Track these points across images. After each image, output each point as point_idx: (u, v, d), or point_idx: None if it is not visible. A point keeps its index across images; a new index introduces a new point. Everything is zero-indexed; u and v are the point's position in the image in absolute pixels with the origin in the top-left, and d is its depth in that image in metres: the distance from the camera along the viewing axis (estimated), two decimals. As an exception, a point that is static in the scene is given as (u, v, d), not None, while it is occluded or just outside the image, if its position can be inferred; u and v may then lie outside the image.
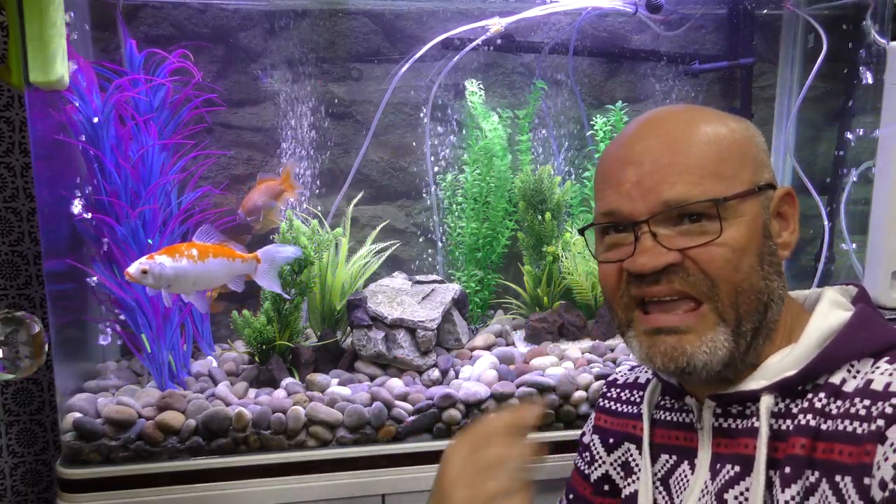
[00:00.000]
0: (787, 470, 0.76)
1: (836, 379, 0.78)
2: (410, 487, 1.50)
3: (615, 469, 1.01)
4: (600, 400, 1.07)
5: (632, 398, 1.02)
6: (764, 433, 0.79)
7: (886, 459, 0.69)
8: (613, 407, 1.04)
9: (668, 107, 0.90)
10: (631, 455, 0.97)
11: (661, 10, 1.81)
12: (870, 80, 1.81)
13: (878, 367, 0.77)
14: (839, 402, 0.76)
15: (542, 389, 1.55)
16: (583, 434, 1.08)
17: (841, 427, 0.74)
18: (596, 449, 1.04)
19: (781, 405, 0.80)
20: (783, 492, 0.76)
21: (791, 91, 2.02)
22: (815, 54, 1.86)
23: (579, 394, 1.56)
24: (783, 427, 0.79)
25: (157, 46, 1.62)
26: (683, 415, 0.91)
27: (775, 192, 0.85)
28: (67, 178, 1.55)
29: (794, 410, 0.79)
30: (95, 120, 1.49)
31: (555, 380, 1.56)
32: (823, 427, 0.76)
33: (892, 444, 0.69)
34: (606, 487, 1.01)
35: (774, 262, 0.83)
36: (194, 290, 1.42)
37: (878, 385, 0.74)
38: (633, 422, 0.99)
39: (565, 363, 1.66)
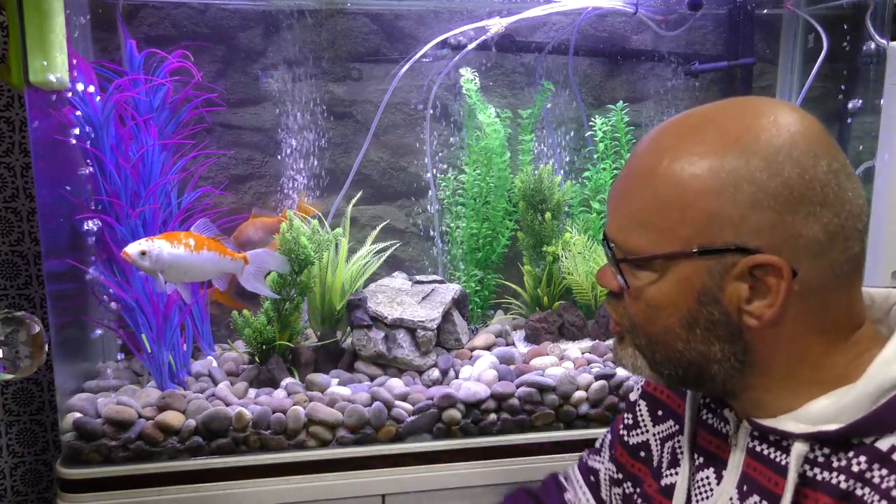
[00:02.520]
0: None
1: (883, 445, 0.67)
2: (410, 487, 1.50)
3: (657, 441, 0.97)
4: None
5: None
6: (791, 481, 0.72)
7: None
8: None
9: (682, 115, 0.78)
10: (677, 440, 0.93)
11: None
12: (869, 81, 1.81)
13: None
14: (884, 472, 0.66)
15: (542, 389, 1.55)
16: (630, 393, 1.04)
17: (871, 500, 0.66)
18: (642, 414, 1.00)
19: (819, 453, 0.72)
20: None
21: (791, 91, 2.02)
22: (815, 54, 1.86)
23: (579, 394, 1.56)
24: (818, 477, 0.72)
25: (157, 46, 1.62)
26: (722, 423, 0.87)
27: (745, 259, 0.70)
28: (67, 178, 1.55)
29: (833, 464, 0.71)
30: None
31: (554, 380, 1.56)
32: (859, 493, 0.67)
33: None
34: (643, 454, 0.98)
35: (719, 329, 0.74)
36: (183, 281, 1.43)
37: None
38: (681, 400, 0.95)
39: (565, 363, 1.66)
